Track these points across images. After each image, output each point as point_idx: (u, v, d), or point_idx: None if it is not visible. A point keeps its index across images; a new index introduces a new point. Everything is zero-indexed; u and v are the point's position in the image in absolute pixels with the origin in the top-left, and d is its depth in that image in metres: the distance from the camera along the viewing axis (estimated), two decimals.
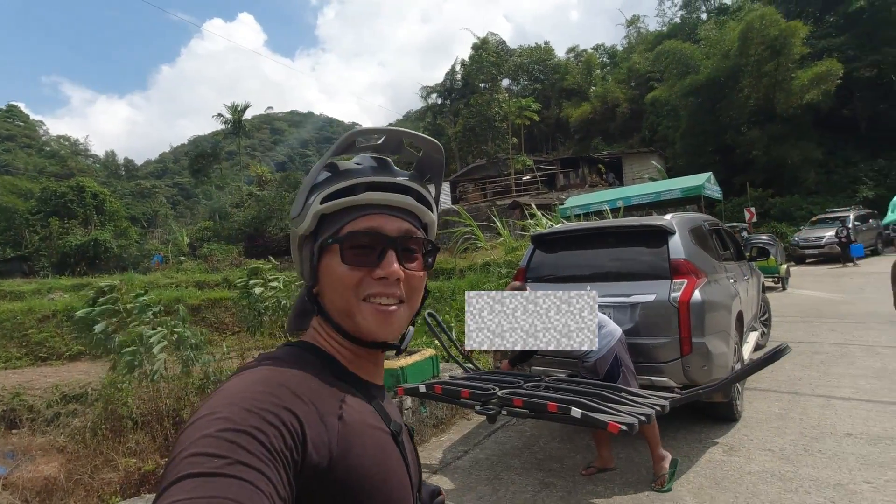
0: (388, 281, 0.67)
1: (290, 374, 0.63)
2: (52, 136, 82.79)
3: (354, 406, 0.66)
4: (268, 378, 0.61)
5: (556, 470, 3.67)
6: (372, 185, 0.70)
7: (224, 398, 0.57)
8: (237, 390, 0.58)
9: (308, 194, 0.71)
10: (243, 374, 0.63)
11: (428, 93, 42.67)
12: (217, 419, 0.53)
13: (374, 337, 0.69)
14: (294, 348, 0.71)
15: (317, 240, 0.71)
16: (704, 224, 4.79)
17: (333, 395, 0.64)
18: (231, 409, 0.54)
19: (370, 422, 0.67)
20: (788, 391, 4.83)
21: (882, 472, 3.22)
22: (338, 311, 0.69)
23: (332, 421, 0.61)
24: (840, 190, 22.38)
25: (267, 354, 0.68)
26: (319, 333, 0.73)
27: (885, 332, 6.71)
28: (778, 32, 21.82)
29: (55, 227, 31.13)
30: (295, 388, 0.60)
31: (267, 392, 0.58)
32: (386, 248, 0.68)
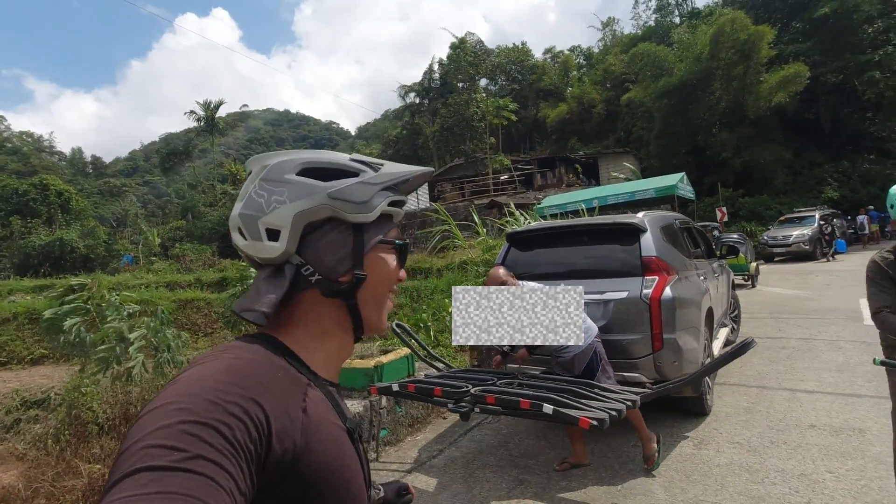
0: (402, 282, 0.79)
1: (255, 363, 0.60)
2: (13, 132, 79.51)
3: (315, 400, 0.64)
4: (233, 367, 0.58)
5: (530, 466, 3.68)
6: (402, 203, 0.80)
7: (185, 387, 0.54)
8: (200, 379, 0.55)
9: (382, 188, 0.74)
10: (205, 363, 0.59)
11: (406, 92, 42.50)
12: (177, 410, 0.50)
13: (382, 328, 0.77)
14: (255, 339, 0.67)
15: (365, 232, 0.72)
16: (675, 222, 4.87)
17: (298, 387, 0.63)
18: (193, 400, 0.52)
19: (329, 417, 0.65)
20: (756, 385, 4.96)
21: (843, 461, 3.33)
22: (374, 303, 0.74)
23: (297, 413, 0.59)
24: (806, 190, 23.17)
25: (227, 345, 0.65)
26: (296, 326, 0.70)
27: (846, 327, 6.95)
28: (747, 36, 22.46)
29: (17, 226, 30.00)
30: (260, 378, 0.58)
31: (232, 382, 0.55)
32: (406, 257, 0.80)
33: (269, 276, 0.69)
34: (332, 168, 0.72)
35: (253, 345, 0.65)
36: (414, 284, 10.92)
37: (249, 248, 0.70)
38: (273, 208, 0.68)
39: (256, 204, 0.69)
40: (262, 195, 0.69)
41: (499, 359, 3.82)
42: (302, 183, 0.69)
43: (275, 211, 0.68)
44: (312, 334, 0.70)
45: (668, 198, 15.91)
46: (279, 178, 0.69)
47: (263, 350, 0.64)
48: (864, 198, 21.84)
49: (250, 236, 0.69)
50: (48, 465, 4.79)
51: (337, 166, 0.72)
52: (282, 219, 0.68)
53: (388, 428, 4.29)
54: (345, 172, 0.72)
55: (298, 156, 0.72)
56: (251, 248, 0.70)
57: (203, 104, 42.33)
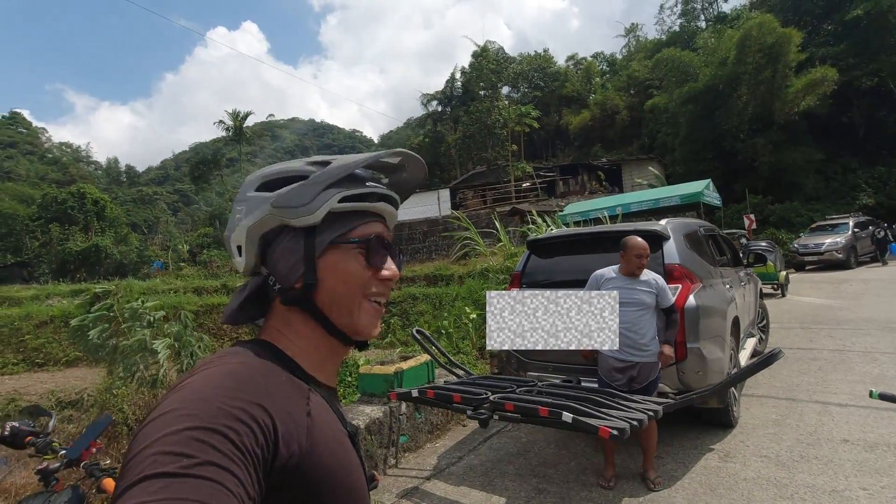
0: (391, 282, 0.74)
1: (259, 368, 0.62)
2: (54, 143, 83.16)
3: (317, 405, 0.66)
4: (237, 372, 0.59)
5: (550, 476, 3.65)
6: (384, 196, 0.76)
7: (191, 393, 0.55)
8: (205, 385, 0.56)
9: (323, 188, 0.71)
10: (209, 369, 0.60)
11: (428, 100, 42.88)
12: (183, 416, 0.51)
13: (367, 334, 0.72)
14: (251, 345, 0.69)
15: (318, 235, 0.70)
16: (700, 229, 4.79)
17: (301, 391, 0.64)
18: (199, 406, 0.52)
19: (331, 421, 0.67)
20: (785, 397, 4.81)
21: (878, 478, 3.20)
22: (336, 306, 0.70)
23: (302, 417, 0.60)
24: (839, 197, 22.41)
25: (228, 350, 0.66)
26: (282, 333, 0.71)
27: (882, 338, 6.69)
28: (774, 40, 21.98)
29: (55, 233, 31.23)
30: (265, 382, 0.59)
31: (237, 387, 0.56)
32: (388, 252, 0.74)
33: (241, 286, 0.74)
34: (283, 177, 0.72)
35: (254, 349, 0.66)
36: (435, 291, 10.95)
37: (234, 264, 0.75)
38: (234, 225, 0.72)
39: (230, 223, 0.73)
40: (233, 214, 0.73)
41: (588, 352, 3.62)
42: (255, 197, 0.71)
43: (237, 228, 0.71)
44: (297, 340, 0.70)
45: (694, 205, 15.62)
46: (242, 197, 0.72)
47: (265, 354, 0.66)
48: None
49: (230, 253, 0.74)
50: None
51: (288, 174, 0.72)
52: (239, 235, 0.71)
53: (408, 434, 4.30)
54: (294, 178, 0.71)
55: (262, 171, 0.74)
56: (235, 264, 0.75)
57: (231, 114, 43.48)
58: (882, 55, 22.63)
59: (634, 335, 3.33)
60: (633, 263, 3.39)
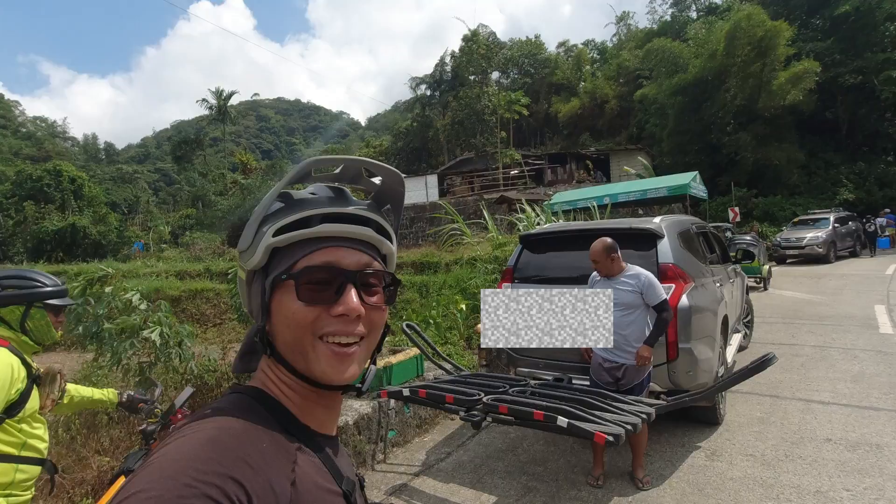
0: (349, 318, 0.63)
1: (237, 433, 0.56)
2: (28, 118, 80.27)
3: (306, 466, 0.60)
4: (212, 441, 0.54)
5: (539, 474, 3.65)
6: (329, 216, 0.65)
7: (158, 470, 0.50)
8: (175, 458, 0.52)
9: (259, 225, 0.66)
10: (185, 437, 0.55)
11: (417, 83, 42.28)
12: (148, 499, 0.46)
13: (329, 380, 0.64)
14: (242, 397, 0.65)
15: (268, 275, 0.65)
16: (692, 227, 4.78)
17: (285, 456, 0.58)
18: (165, 485, 0.48)
19: (322, 483, 0.61)
20: (769, 394, 4.88)
21: (860, 479, 3.26)
22: (291, 350, 0.64)
23: (284, 487, 0.55)
24: (821, 192, 22.78)
25: (212, 405, 0.62)
26: (269, 377, 0.67)
27: (862, 335, 6.83)
28: (763, 33, 22.03)
29: (30, 211, 30.35)
30: (243, 451, 0.54)
31: (209, 459, 0.51)
32: (345, 283, 0.64)
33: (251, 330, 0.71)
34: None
35: (240, 404, 0.63)
36: (422, 279, 10.90)
37: None
38: None
39: None
40: None
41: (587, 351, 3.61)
42: None
43: None
44: (281, 386, 0.66)
45: (681, 197, 15.73)
46: None
47: (250, 411, 0.61)
48: (881, 200, 21.46)
49: None
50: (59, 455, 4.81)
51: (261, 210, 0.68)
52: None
53: (396, 429, 4.27)
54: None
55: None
56: None
57: (215, 92, 42.45)
58: (867, 52, 22.86)
59: (619, 336, 3.31)
60: (595, 266, 3.46)
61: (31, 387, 1.80)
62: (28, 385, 1.77)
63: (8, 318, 1.82)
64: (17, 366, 1.73)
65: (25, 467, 1.74)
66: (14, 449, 1.71)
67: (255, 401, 0.64)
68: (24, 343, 1.85)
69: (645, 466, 3.49)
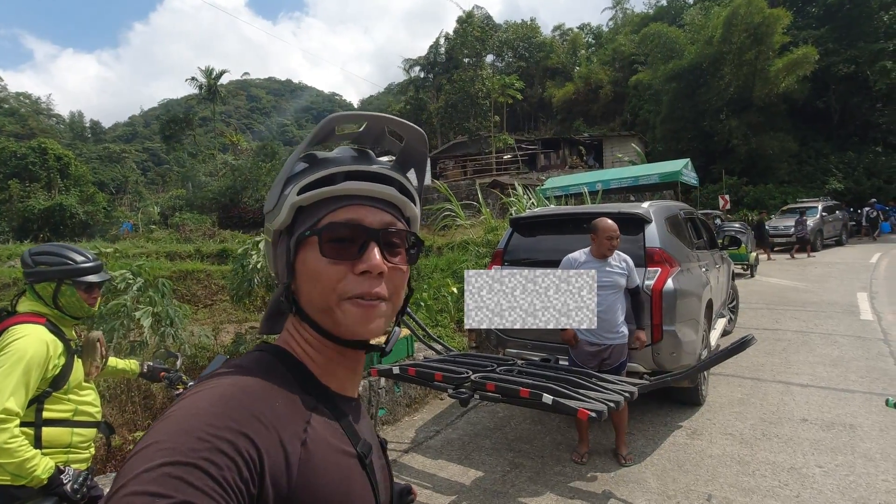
0: (371, 275, 0.62)
1: (253, 391, 0.57)
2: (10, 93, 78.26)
3: (320, 427, 0.61)
4: (227, 397, 0.55)
5: (525, 451, 3.75)
6: (352, 174, 0.65)
7: (174, 423, 0.52)
8: (190, 413, 0.53)
9: (284, 186, 0.67)
10: (200, 392, 0.56)
11: (410, 65, 41.83)
12: (161, 450, 0.48)
13: (355, 335, 0.64)
14: (263, 354, 0.66)
15: (293, 234, 0.66)
16: (680, 213, 4.85)
17: (299, 416, 0.59)
18: (179, 438, 0.49)
19: (335, 444, 0.62)
20: (751, 377, 5.01)
21: (833, 456, 3.39)
22: (316, 308, 0.64)
23: (295, 447, 0.56)
24: (811, 181, 23.01)
25: (233, 362, 0.63)
26: (293, 336, 0.68)
27: (843, 321, 7.00)
28: (761, 19, 21.98)
29: (15, 190, 29.81)
30: (256, 409, 0.55)
31: (223, 415, 0.52)
32: (368, 241, 0.63)
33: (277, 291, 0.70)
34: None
35: (260, 362, 0.63)
36: None
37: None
38: None
39: None
40: None
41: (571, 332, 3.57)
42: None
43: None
44: (305, 345, 0.67)
45: (672, 184, 15.81)
46: None
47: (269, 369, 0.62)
48: (868, 190, 21.73)
49: None
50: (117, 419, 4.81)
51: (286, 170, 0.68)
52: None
53: (386, 407, 4.34)
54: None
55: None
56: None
57: (205, 71, 41.67)
58: (861, 42, 22.91)
59: (610, 318, 3.39)
60: (605, 245, 3.42)
61: (72, 359, 1.88)
62: (68, 358, 1.86)
63: (43, 294, 1.87)
64: (53, 343, 1.79)
65: (81, 430, 1.89)
66: (68, 415, 1.85)
67: (276, 359, 0.65)
68: (61, 317, 1.90)
69: (628, 444, 3.60)
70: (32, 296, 1.88)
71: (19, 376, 1.64)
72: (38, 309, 1.85)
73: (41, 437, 1.76)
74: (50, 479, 1.65)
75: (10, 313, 1.83)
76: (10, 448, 1.57)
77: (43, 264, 1.86)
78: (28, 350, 1.68)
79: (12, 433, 1.58)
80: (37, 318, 1.81)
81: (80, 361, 1.91)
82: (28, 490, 1.65)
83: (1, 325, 1.78)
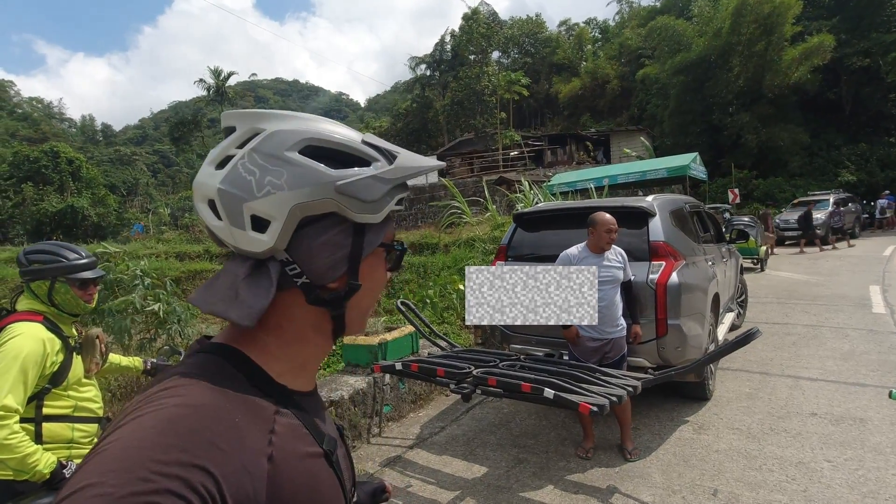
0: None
1: (206, 410, 0.50)
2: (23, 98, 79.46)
3: (284, 433, 0.56)
4: (175, 421, 0.48)
5: (530, 446, 3.74)
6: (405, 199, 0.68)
7: (111, 459, 0.44)
8: (131, 444, 0.45)
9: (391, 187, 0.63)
10: (142, 416, 0.48)
11: (417, 64, 41.77)
12: (96, 497, 0.40)
13: (360, 331, 0.70)
14: (212, 358, 0.58)
15: (367, 233, 0.62)
16: (686, 206, 4.80)
17: (262, 426, 0.54)
18: (117, 479, 0.42)
19: (302, 449, 0.58)
20: (759, 371, 4.96)
21: (842, 451, 3.34)
22: (360, 312, 0.67)
23: (260, 465, 0.51)
24: (822, 173, 22.69)
25: (179, 370, 0.56)
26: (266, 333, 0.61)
27: (854, 315, 6.89)
28: (771, 9, 21.67)
29: (29, 193, 30.27)
30: (211, 432, 0.48)
31: (171, 445, 0.45)
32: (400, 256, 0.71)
33: (248, 273, 0.58)
34: (343, 152, 0.60)
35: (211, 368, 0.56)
36: (421, 260, 10.93)
37: (224, 231, 0.58)
38: (266, 193, 0.56)
39: (245, 182, 0.56)
40: (254, 172, 0.56)
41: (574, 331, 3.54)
42: (306, 166, 0.57)
43: (268, 197, 0.56)
44: (285, 341, 0.61)
45: (680, 178, 15.67)
46: (278, 155, 0.56)
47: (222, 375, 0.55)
48: (882, 181, 21.38)
49: (228, 219, 0.57)
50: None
51: (349, 150, 0.60)
52: (276, 209, 0.56)
53: (392, 404, 4.36)
54: (357, 160, 0.60)
55: (302, 126, 0.59)
56: (226, 234, 0.58)
57: (213, 72, 41.91)
58: (874, 33, 22.51)
59: (610, 312, 3.38)
60: (604, 239, 3.41)
61: (71, 356, 1.90)
62: (67, 355, 1.88)
63: (38, 293, 1.89)
64: (50, 340, 1.81)
65: (82, 426, 1.91)
66: (68, 411, 1.87)
67: (228, 362, 0.58)
68: (58, 315, 1.92)
69: (633, 439, 3.58)
70: (30, 294, 1.90)
71: (16, 374, 1.66)
72: (36, 307, 1.88)
73: (42, 433, 1.79)
74: (52, 473, 1.68)
75: (9, 312, 1.86)
76: (11, 444, 1.59)
77: (36, 262, 1.89)
78: (24, 348, 1.70)
79: (12, 429, 1.61)
80: (34, 316, 1.84)
81: (79, 358, 1.94)
82: (31, 485, 1.68)
83: (4, 322, 1.81)
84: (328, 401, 3.71)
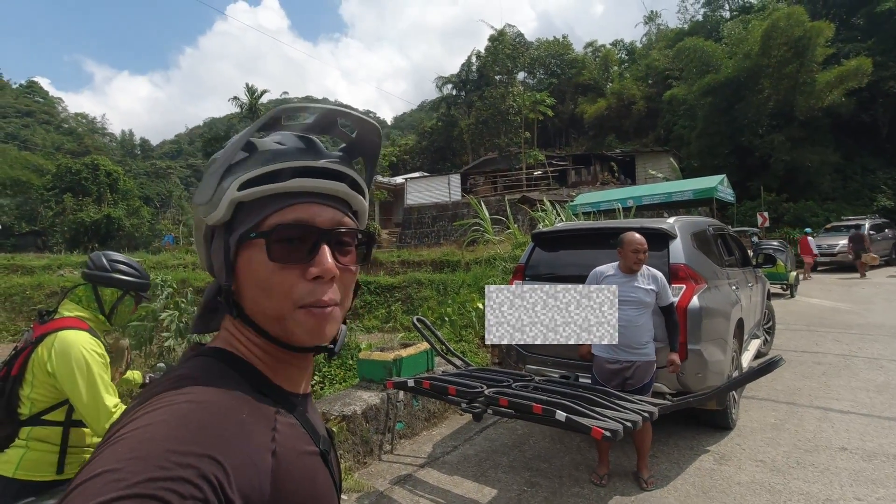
0: (323, 280, 0.59)
1: (216, 406, 0.52)
2: (70, 114, 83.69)
3: (286, 431, 0.58)
4: (188, 416, 0.50)
5: (543, 470, 3.66)
6: (300, 170, 0.61)
7: (129, 448, 0.46)
8: (146, 436, 0.47)
9: (221, 177, 0.61)
10: (156, 410, 0.51)
11: (443, 83, 42.41)
12: (114, 482, 0.42)
13: (307, 343, 0.61)
14: (210, 361, 0.60)
15: (232, 231, 0.61)
16: (709, 228, 4.71)
17: (266, 424, 0.56)
18: (135, 466, 0.44)
19: (301, 447, 0.60)
20: (786, 401, 4.77)
21: (874, 489, 3.17)
22: (267, 316, 0.60)
23: (265, 459, 0.53)
24: (857, 198, 21.96)
25: (180, 373, 0.58)
26: (236, 337, 0.63)
27: (890, 344, 6.59)
28: (802, 33, 21.33)
29: (69, 203, 31.60)
30: (220, 426, 0.50)
31: (185, 438, 0.47)
32: (318, 242, 0.60)
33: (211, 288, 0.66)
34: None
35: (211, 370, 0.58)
36: (441, 278, 10.98)
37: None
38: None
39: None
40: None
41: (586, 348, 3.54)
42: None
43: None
44: (250, 346, 0.63)
45: (707, 200, 15.37)
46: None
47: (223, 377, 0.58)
48: None
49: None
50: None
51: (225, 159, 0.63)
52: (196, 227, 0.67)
53: (405, 421, 4.34)
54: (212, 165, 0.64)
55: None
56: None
57: (248, 89, 43.32)
58: None
59: (631, 335, 3.29)
60: (631, 259, 3.33)
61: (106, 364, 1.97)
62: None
63: (103, 298, 1.96)
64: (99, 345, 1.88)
65: None
66: None
67: (226, 364, 0.60)
68: (100, 324, 1.99)
69: (650, 467, 3.47)
70: (82, 299, 1.95)
71: (98, 379, 1.76)
72: (82, 314, 1.93)
73: (69, 437, 1.83)
74: None
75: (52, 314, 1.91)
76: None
77: (119, 272, 1.96)
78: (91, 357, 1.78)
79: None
80: (81, 324, 1.88)
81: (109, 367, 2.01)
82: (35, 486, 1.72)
83: (48, 326, 1.84)
84: (341, 415, 3.72)
